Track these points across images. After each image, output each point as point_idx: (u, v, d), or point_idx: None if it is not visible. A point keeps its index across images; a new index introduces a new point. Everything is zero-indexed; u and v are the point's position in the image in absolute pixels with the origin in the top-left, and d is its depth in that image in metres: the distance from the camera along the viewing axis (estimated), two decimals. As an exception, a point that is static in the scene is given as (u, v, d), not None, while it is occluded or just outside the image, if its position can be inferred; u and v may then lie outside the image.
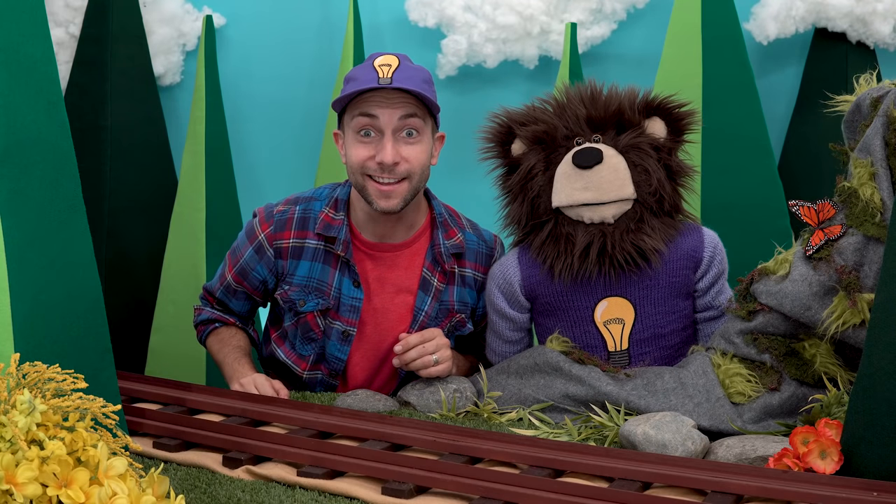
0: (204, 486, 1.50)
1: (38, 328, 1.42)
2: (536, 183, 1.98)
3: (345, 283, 2.10)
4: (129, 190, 3.11)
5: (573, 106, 1.99)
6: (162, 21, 3.25)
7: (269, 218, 2.13)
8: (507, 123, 2.05)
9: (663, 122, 2.00)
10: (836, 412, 1.64)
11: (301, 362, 2.16)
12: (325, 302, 2.09)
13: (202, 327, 2.27)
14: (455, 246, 2.13)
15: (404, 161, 2.01)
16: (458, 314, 2.15)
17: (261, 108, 3.39)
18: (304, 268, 2.10)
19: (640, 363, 1.96)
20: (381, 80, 1.96)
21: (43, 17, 1.48)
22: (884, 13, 2.92)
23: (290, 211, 2.12)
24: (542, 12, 3.11)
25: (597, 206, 1.92)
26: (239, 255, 2.17)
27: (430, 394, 1.97)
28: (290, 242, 2.10)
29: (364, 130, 2.01)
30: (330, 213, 2.10)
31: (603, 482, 1.47)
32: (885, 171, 1.68)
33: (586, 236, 1.93)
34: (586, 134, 1.97)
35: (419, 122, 2.02)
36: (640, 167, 1.94)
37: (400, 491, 1.46)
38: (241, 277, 2.17)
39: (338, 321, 2.11)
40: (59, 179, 1.49)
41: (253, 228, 2.15)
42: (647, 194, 1.94)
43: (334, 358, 2.13)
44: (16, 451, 1.16)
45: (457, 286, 2.15)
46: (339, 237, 2.08)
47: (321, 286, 2.10)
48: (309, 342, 2.14)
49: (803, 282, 1.72)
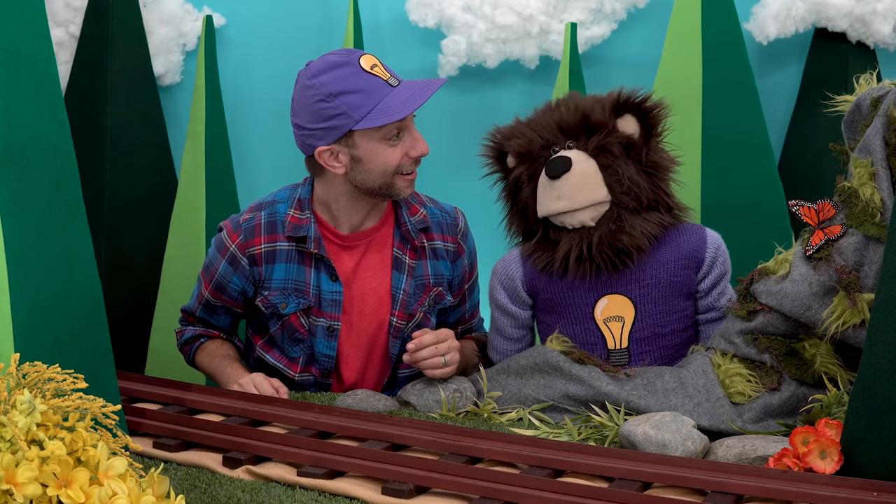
0: (204, 486, 1.50)
1: (38, 328, 1.42)
2: (523, 195, 2.04)
3: (322, 279, 2.10)
4: (129, 190, 3.11)
5: (547, 116, 2.03)
6: (162, 21, 3.25)
7: (237, 228, 2.13)
8: (499, 140, 2.10)
9: (635, 119, 2.01)
10: (836, 412, 1.64)
11: (292, 365, 2.16)
12: (307, 300, 2.10)
13: (188, 347, 2.26)
14: (420, 221, 2.16)
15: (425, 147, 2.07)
16: (434, 288, 2.17)
17: (261, 108, 3.39)
18: (279, 271, 2.10)
19: (640, 363, 1.97)
20: (391, 82, 2.01)
21: (43, 17, 1.48)
22: (884, 13, 2.92)
23: (256, 217, 2.12)
24: (541, 12, 3.10)
25: (573, 212, 1.95)
26: (213, 270, 2.16)
27: (430, 394, 1.97)
28: (263, 248, 2.10)
29: (393, 136, 2.02)
30: (296, 214, 2.10)
31: (603, 482, 1.47)
32: (885, 171, 1.68)
33: (567, 243, 1.96)
34: (560, 141, 2.01)
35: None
36: (610, 169, 1.96)
37: (400, 491, 1.46)
38: (218, 292, 2.17)
39: (321, 318, 2.11)
40: (59, 179, 1.49)
41: (223, 241, 2.14)
42: (621, 194, 1.95)
43: (323, 356, 2.13)
44: (16, 451, 1.16)
45: (429, 259, 2.18)
46: (309, 235, 2.09)
47: (299, 286, 2.10)
48: (296, 343, 2.14)
49: (803, 282, 1.72)
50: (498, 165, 2.11)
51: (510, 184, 2.06)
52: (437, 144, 2.24)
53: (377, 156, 2.03)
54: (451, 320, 2.29)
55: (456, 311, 2.28)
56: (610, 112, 2.00)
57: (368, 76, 1.99)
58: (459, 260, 2.22)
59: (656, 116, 2.02)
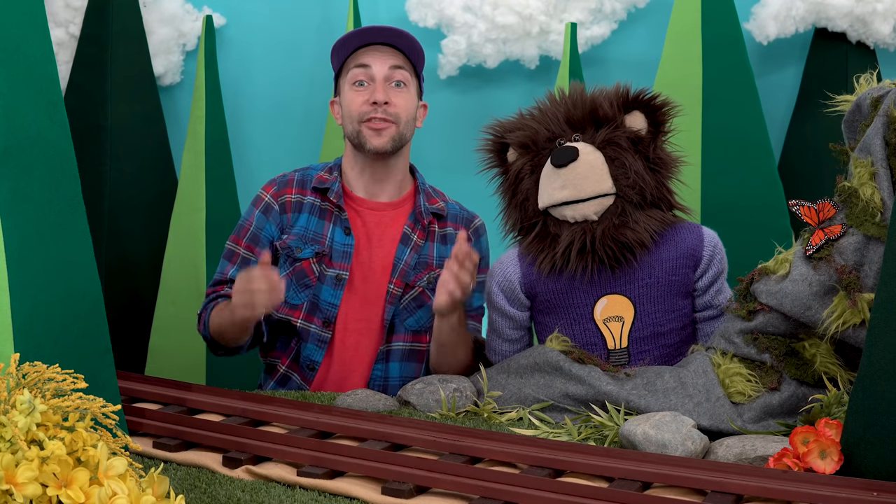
0: (204, 486, 1.50)
1: (38, 328, 1.42)
2: (524, 186, 2.03)
3: (337, 232, 2.28)
4: (129, 190, 3.11)
5: (553, 108, 2.03)
6: (162, 21, 3.25)
7: (272, 182, 2.34)
8: (500, 133, 2.10)
9: (643, 115, 2.01)
10: (836, 412, 1.64)
11: (294, 311, 2.26)
12: (321, 248, 2.26)
13: (204, 314, 2.28)
14: (436, 209, 2.35)
15: (393, 105, 2.26)
16: (436, 269, 2.30)
17: (261, 108, 3.39)
18: (302, 220, 2.29)
19: (639, 362, 1.97)
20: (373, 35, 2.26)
21: (43, 17, 1.48)
22: (884, 13, 2.92)
23: (291, 174, 2.36)
24: (541, 12, 3.11)
25: (577, 204, 1.94)
26: (247, 224, 2.32)
27: (430, 393, 1.97)
28: (293, 198, 2.31)
29: (358, 81, 2.27)
30: (324, 175, 2.33)
31: (603, 482, 1.47)
32: (885, 170, 1.68)
33: (569, 235, 1.95)
34: (567, 134, 2.00)
35: (407, 74, 2.29)
36: (618, 161, 1.96)
37: (400, 491, 1.46)
38: (252, 244, 2.30)
39: (332, 268, 2.26)
40: (59, 179, 1.49)
41: (259, 196, 2.34)
42: (627, 187, 1.95)
43: (327, 304, 2.25)
44: (16, 451, 1.16)
45: (437, 243, 2.34)
46: (332, 188, 2.30)
47: (317, 237, 2.28)
48: (303, 289, 2.25)
49: (803, 282, 1.72)
50: (497, 159, 2.11)
51: (511, 176, 2.05)
52: (437, 144, 2.24)
53: (347, 100, 2.29)
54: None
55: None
56: (619, 107, 2.00)
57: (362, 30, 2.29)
58: None
59: (665, 114, 2.02)
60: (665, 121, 2.03)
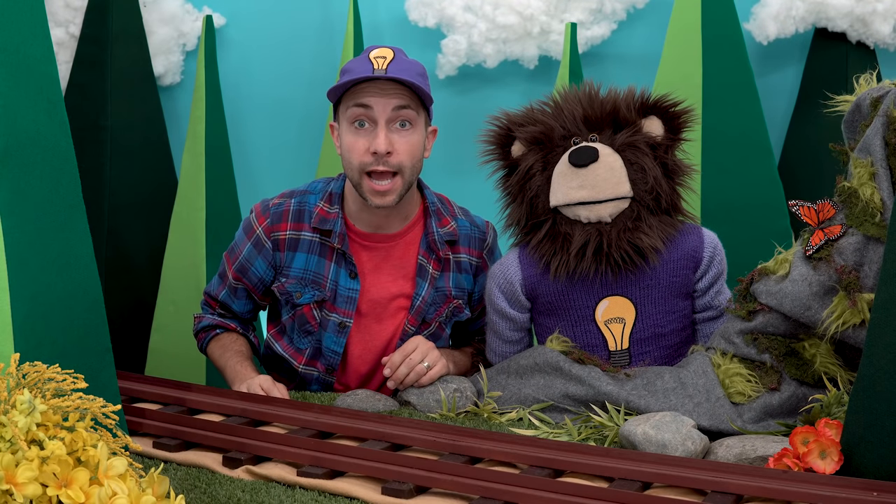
0: (204, 486, 1.50)
1: (38, 328, 1.42)
2: (534, 183, 1.99)
3: (341, 274, 2.11)
4: (129, 190, 3.11)
5: (570, 106, 2.00)
6: (162, 21, 3.25)
7: (266, 211, 2.14)
8: (506, 125, 2.06)
9: (660, 121, 2.01)
10: (836, 412, 1.64)
11: (298, 356, 2.17)
12: (321, 294, 2.11)
13: (203, 335, 2.26)
14: (448, 234, 2.16)
15: (396, 153, 2.03)
16: (455, 300, 2.18)
17: (261, 108, 3.39)
18: (300, 260, 2.12)
19: (640, 363, 1.97)
20: (375, 71, 1.99)
21: (43, 17, 1.48)
22: (884, 13, 2.92)
23: (286, 203, 2.14)
24: (542, 12, 3.11)
25: (593, 205, 1.93)
26: (237, 252, 2.18)
27: (430, 394, 1.97)
28: (287, 234, 2.12)
29: (358, 121, 2.03)
30: (325, 207, 2.12)
31: (603, 482, 1.47)
32: (885, 171, 1.68)
33: (583, 235, 1.93)
34: (583, 134, 1.98)
35: (412, 113, 2.05)
36: (637, 165, 1.94)
37: (400, 491, 1.46)
38: (240, 274, 2.17)
39: (334, 313, 2.12)
40: (59, 179, 1.49)
41: (250, 223, 2.16)
42: (644, 192, 1.94)
43: (330, 351, 2.13)
44: (16, 451, 1.16)
45: (452, 272, 2.18)
46: (334, 230, 2.10)
47: (317, 278, 2.11)
48: (305, 335, 2.15)
49: (803, 282, 1.72)
50: (500, 152, 2.08)
51: (522, 171, 2.01)
52: (437, 144, 2.23)
53: (344, 139, 2.06)
54: (470, 330, 2.29)
55: (475, 323, 2.28)
56: (637, 111, 1.99)
57: (365, 61, 2.03)
58: (482, 276, 2.20)
59: (685, 121, 2.01)
60: (682, 128, 2.02)
